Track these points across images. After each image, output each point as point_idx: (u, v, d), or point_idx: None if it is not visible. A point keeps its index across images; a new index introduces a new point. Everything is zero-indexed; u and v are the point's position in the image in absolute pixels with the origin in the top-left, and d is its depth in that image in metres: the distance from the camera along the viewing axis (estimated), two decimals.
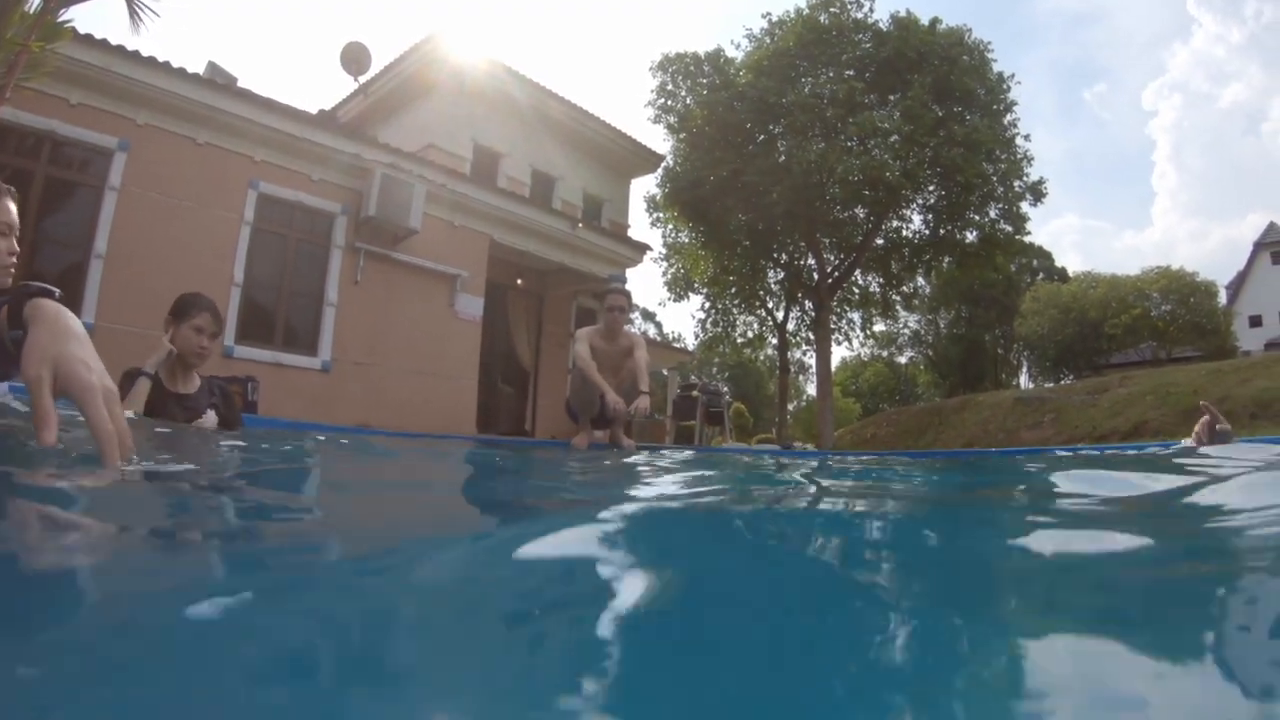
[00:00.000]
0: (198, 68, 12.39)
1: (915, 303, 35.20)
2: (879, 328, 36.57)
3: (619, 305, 6.93)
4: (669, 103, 26.73)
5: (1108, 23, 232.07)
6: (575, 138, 19.82)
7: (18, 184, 9.76)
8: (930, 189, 25.78)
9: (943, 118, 23.81)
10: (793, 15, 25.81)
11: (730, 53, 26.90)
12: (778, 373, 33.62)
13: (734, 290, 30.12)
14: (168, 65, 10.98)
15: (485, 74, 17.38)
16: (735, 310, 31.16)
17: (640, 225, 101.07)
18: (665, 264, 30.41)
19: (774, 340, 32.05)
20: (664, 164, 24.85)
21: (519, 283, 17.43)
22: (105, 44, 10.36)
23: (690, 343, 40.88)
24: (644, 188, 76.05)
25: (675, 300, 31.19)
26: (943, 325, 53.01)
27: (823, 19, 25.12)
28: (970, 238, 26.48)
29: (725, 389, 23.20)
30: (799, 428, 44.99)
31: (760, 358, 46.45)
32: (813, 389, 44.73)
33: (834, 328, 29.49)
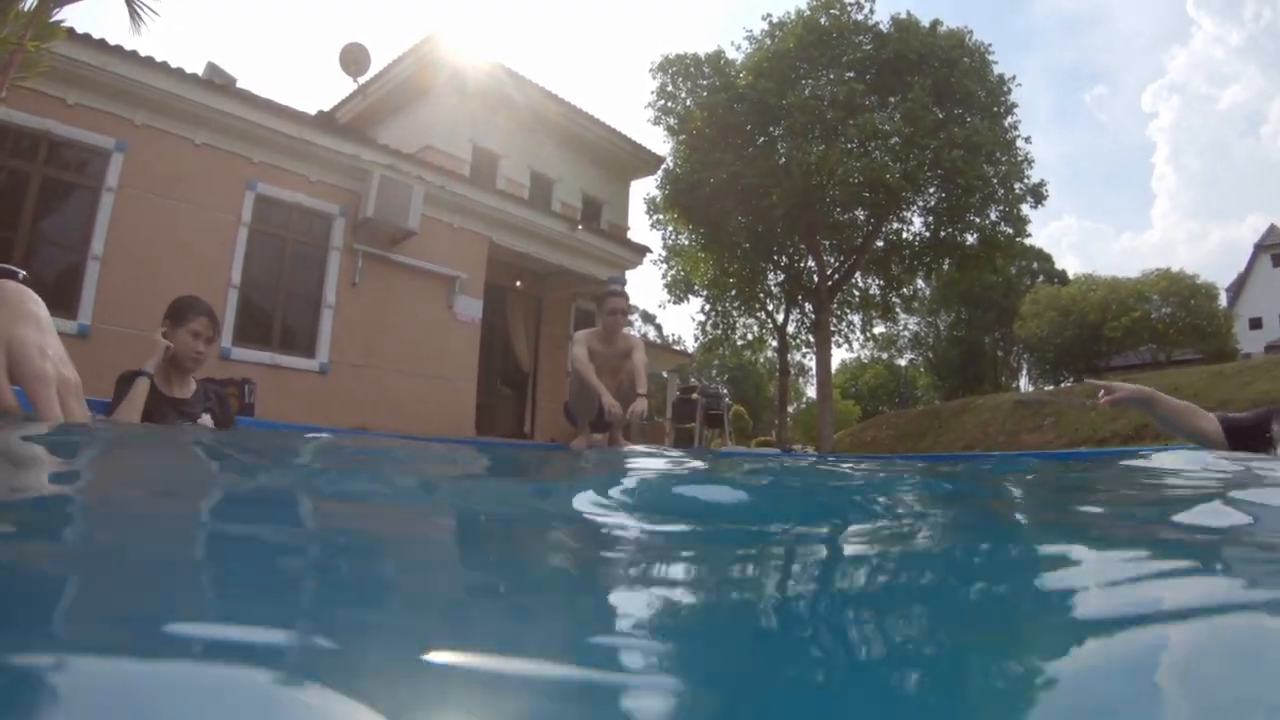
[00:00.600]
0: (196, 68, 12.34)
1: (915, 305, 35.29)
2: (879, 330, 36.56)
3: (619, 308, 6.88)
4: (669, 104, 26.72)
5: (1107, 25, 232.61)
6: (574, 139, 19.78)
7: (14, 185, 9.77)
8: (930, 191, 25.78)
9: (943, 120, 23.81)
10: (793, 17, 25.79)
11: (730, 54, 26.91)
12: (777, 375, 33.62)
13: (734, 292, 30.09)
14: (166, 65, 10.93)
15: (484, 75, 17.34)
16: (735, 312, 31.15)
17: (640, 227, 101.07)
18: (665, 266, 30.43)
19: (774, 342, 32.03)
20: (664, 166, 24.83)
21: (518, 285, 17.39)
22: (103, 43, 10.31)
23: (690, 345, 40.88)
24: (644, 190, 76.21)
25: (675, 302, 31.22)
26: (942, 327, 53.02)
27: (823, 21, 25.10)
28: (970, 240, 26.49)
29: (725, 391, 23.13)
30: (799, 430, 44.99)
31: (760, 360, 46.44)
32: (812, 391, 44.83)
33: (834, 330, 29.49)
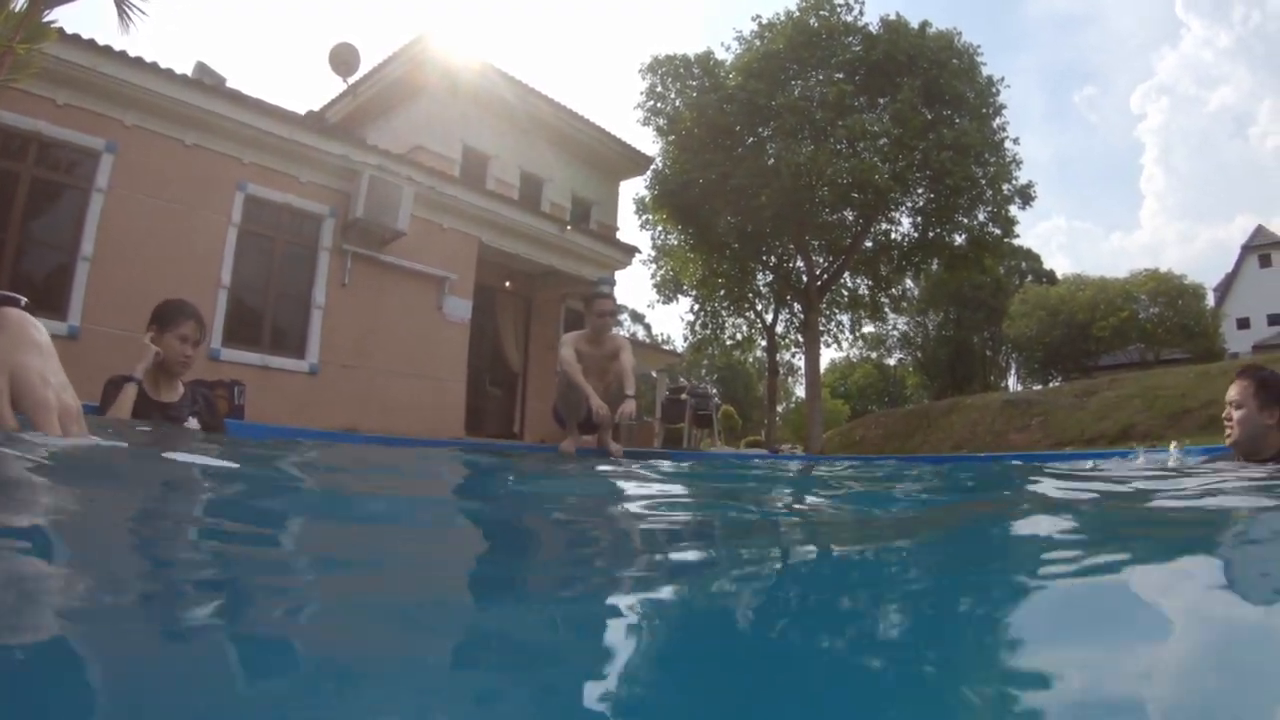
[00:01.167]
0: (186, 68, 12.36)
1: (904, 305, 35.35)
2: (868, 329, 36.67)
3: (607, 310, 6.91)
4: (658, 105, 26.76)
5: (1097, 26, 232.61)
6: (564, 139, 19.80)
7: (3, 185, 9.76)
8: (919, 192, 25.88)
9: (932, 121, 23.92)
10: (783, 18, 25.88)
11: (720, 55, 26.99)
12: (766, 375, 33.63)
13: (723, 292, 30.16)
14: (156, 66, 10.94)
15: (474, 75, 17.36)
16: (724, 312, 31.22)
17: (629, 227, 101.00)
18: (654, 266, 30.47)
19: (763, 342, 32.09)
20: (653, 166, 24.90)
21: (507, 285, 17.41)
22: (93, 44, 10.31)
23: (679, 345, 40.87)
24: (633, 190, 76.18)
25: (664, 302, 31.29)
26: (931, 327, 53.07)
27: (812, 22, 25.18)
28: (959, 240, 26.61)
29: (714, 391, 23.20)
30: (788, 429, 44.99)
31: (749, 360, 46.47)
32: (801, 391, 44.87)
33: (823, 330, 29.60)
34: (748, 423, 52.28)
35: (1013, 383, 51.67)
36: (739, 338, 32.50)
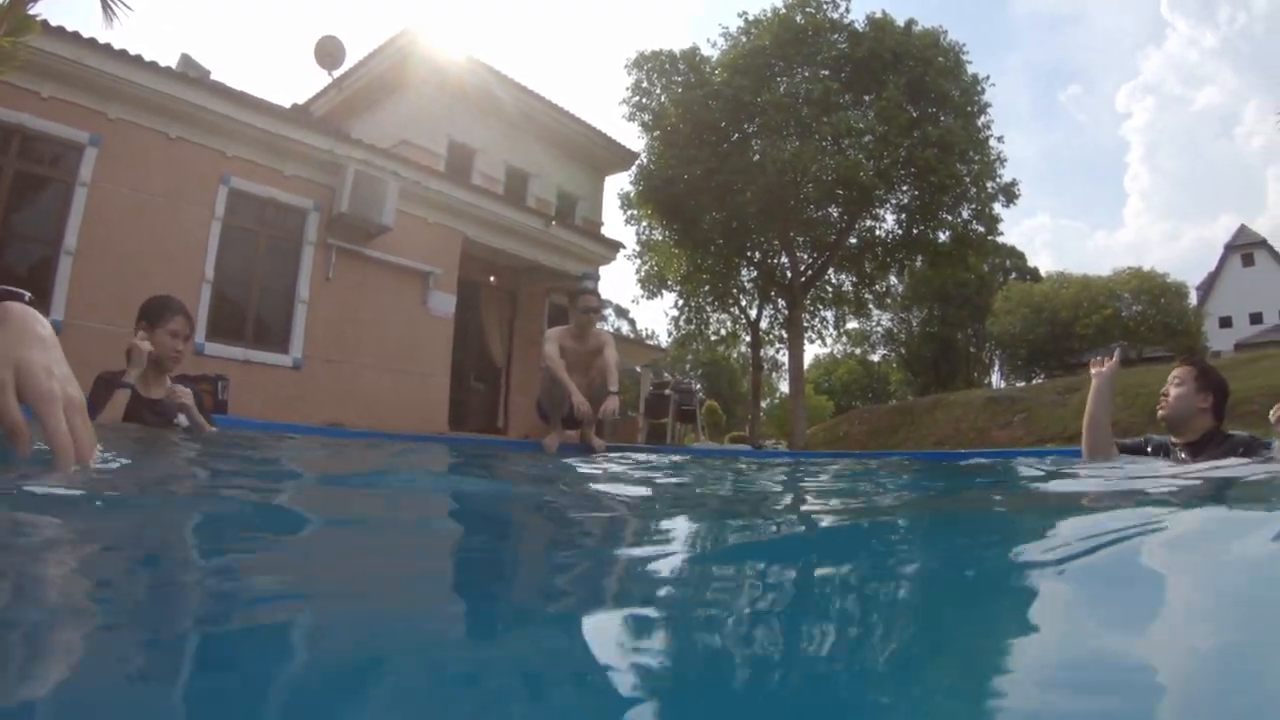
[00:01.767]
0: (171, 61, 12.32)
1: (888, 301, 35.38)
2: (852, 326, 36.83)
3: (591, 306, 6.91)
4: (644, 100, 26.73)
5: (1083, 26, 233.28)
6: (550, 135, 19.77)
7: None
8: (904, 189, 25.92)
9: (917, 118, 23.97)
10: (769, 14, 25.85)
11: (706, 51, 26.96)
12: (751, 370, 33.65)
13: (707, 288, 30.13)
14: (140, 59, 10.90)
15: (460, 70, 17.31)
16: (709, 308, 31.18)
17: (614, 223, 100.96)
18: (639, 261, 30.38)
19: (747, 338, 32.05)
20: (638, 162, 24.88)
21: (492, 280, 17.39)
22: (77, 37, 10.27)
23: (663, 340, 40.89)
24: (618, 185, 76.00)
25: (648, 298, 31.21)
26: (915, 324, 53.16)
27: (798, 19, 25.17)
28: (943, 238, 26.66)
29: (698, 387, 23.21)
30: (772, 425, 45.02)
31: (733, 355, 46.42)
32: (785, 386, 44.85)
33: (807, 326, 29.64)
34: (732, 418, 52.29)
35: (996, 379, 51.90)
36: (723, 333, 32.45)
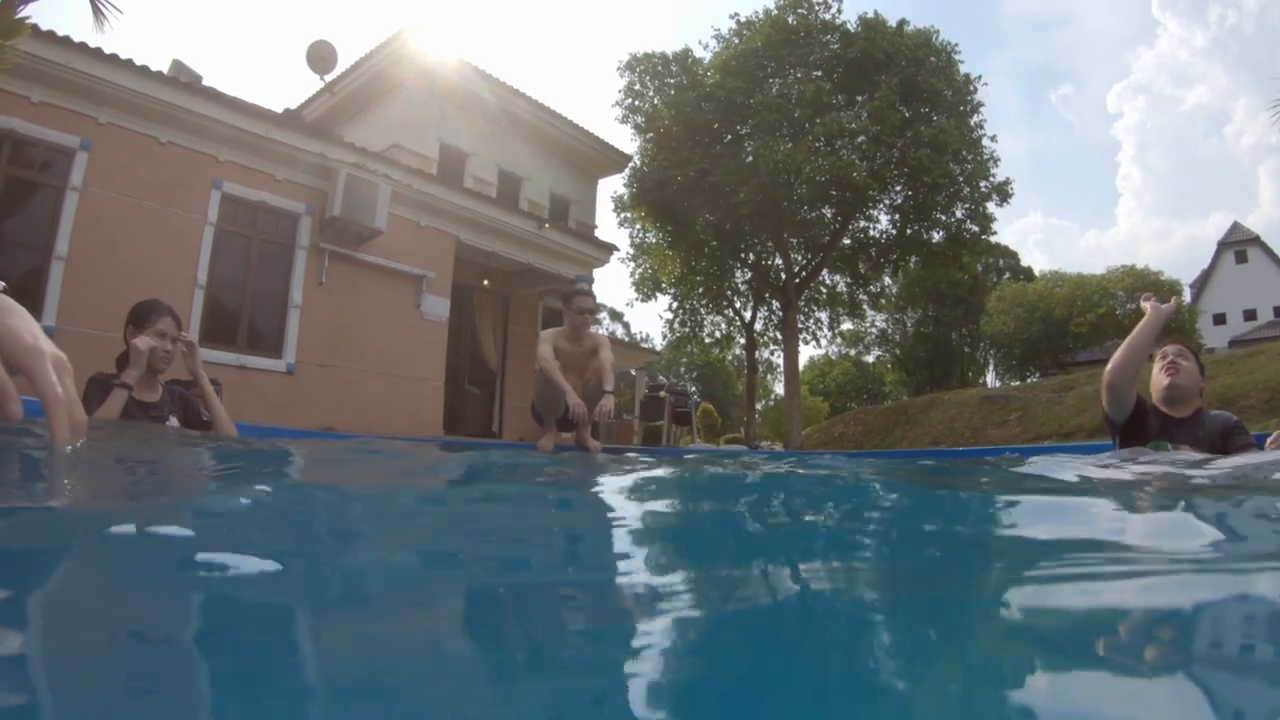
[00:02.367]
0: (162, 65, 12.27)
1: (882, 302, 35.49)
2: (846, 327, 36.88)
3: (586, 308, 6.87)
4: (636, 103, 26.73)
5: (1073, 26, 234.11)
6: (542, 137, 19.77)
7: None
8: (897, 189, 25.96)
9: (910, 118, 24.01)
10: (761, 16, 25.91)
11: (698, 53, 26.98)
12: (745, 372, 33.71)
13: (701, 290, 30.19)
14: (131, 63, 10.86)
15: (452, 73, 17.31)
16: (703, 310, 31.24)
17: (607, 225, 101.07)
18: (632, 264, 30.43)
19: (742, 340, 32.13)
20: (631, 164, 24.87)
21: (485, 283, 17.38)
22: (67, 41, 10.23)
23: (658, 343, 41.00)
24: (611, 188, 76.01)
25: (643, 300, 31.26)
26: (909, 324, 53.30)
27: (790, 20, 25.21)
28: (937, 237, 26.71)
29: (693, 389, 23.30)
30: (767, 427, 45.14)
31: (728, 357, 46.49)
32: (780, 388, 44.92)
33: (801, 327, 29.66)
34: (727, 420, 52.43)
35: (991, 379, 52.01)
36: (718, 335, 32.52)
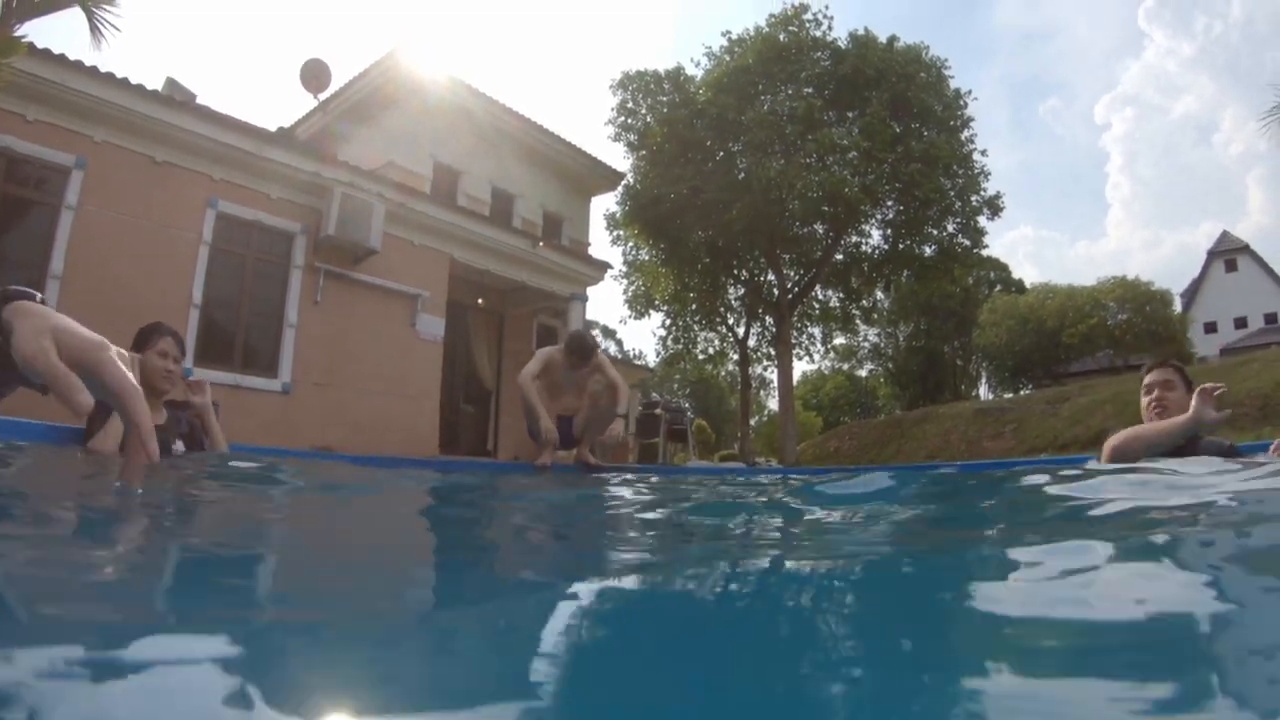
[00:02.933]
0: (157, 84, 12.28)
1: (875, 316, 35.52)
2: (839, 341, 36.93)
3: (588, 361, 6.59)
4: (629, 120, 26.85)
5: (1060, 39, 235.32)
6: (535, 155, 19.81)
7: None
8: (889, 204, 26.09)
9: (901, 134, 24.13)
10: (752, 33, 26.05)
11: (690, 70, 27.13)
12: (739, 388, 33.73)
13: (694, 307, 30.25)
14: (126, 81, 10.86)
15: (445, 92, 17.35)
16: (696, 327, 31.31)
17: (600, 243, 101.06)
18: (625, 281, 30.46)
19: (735, 356, 32.19)
20: (624, 182, 24.92)
21: (480, 302, 17.37)
22: (63, 59, 10.22)
23: (651, 360, 40.96)
24: (604, 205, 76.07)
25: (636, 318, 31.28)
26: (902, 338, 53.38)
27: (782, 37, 25.35)
28: (928, 252, 26.83)
29: (687, 406, 23.27)
30: (761, 442, 45.07)
31: (722, 374, 46.47)
32: (774, 404, 44.91)
33: (795, 342, 29.67)
34: (721, 436, 52.41)
35: (984, 391, 52.11)
36: (711, 352, 32.59)
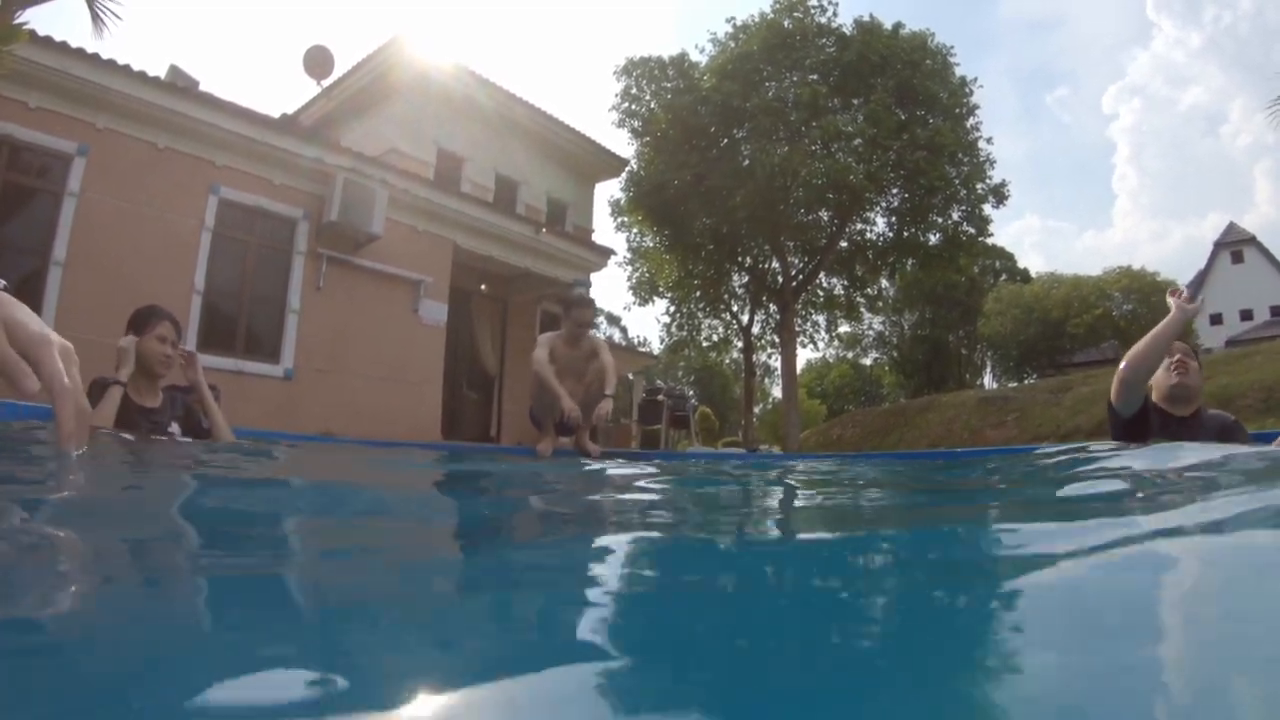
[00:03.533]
0: (159, 71, 12.26)
1: (879, 304, 35.46)
2: (844, 329, 36.93)
3: (586, 320, 6.82)
4: (633, 107, 26.80)
5: (1069, 28, 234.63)
6: (539, 142, 19.77)
7: None
8: (894, 192, 26.04)
9: (906, 121, 24.05)
10: (757, 19, 25.95)
11: (695, 57, 27.08)
12: (743, 376, 33.70)
13: (699, 294, 30.22)
14: (128, 68, 10.83)
15: (448, 78, 17.32)
16: (700, 314, 31.29)
17: (604, 229, 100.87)
18: (630, 268, 30.46)
19: (739, 343, 32.17)
20: (628, 168, 24.86)
21: (483, 288, 17.34)
22: (65, 46, 10.20)
23: (655, 347, 40.96)
24: (608, 192, 76.10)
25: (640, 304, 31.28)
26: (907, 326, 53.37)
27: (786, 23, 25.26)
28: (933, 240, 26.78)
29: (690, 393, 23.24)
30: (765, 430, 45.10)
31: (725, 361, 46.49)
32: (778, 391, 44.91)
33: (799, 330, 29.65)
34: (725, 424, 52.38)
35: (988, 380, 52.07)
36: (715, 339, 32.59)
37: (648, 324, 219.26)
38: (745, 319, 30.92)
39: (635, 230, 29.45)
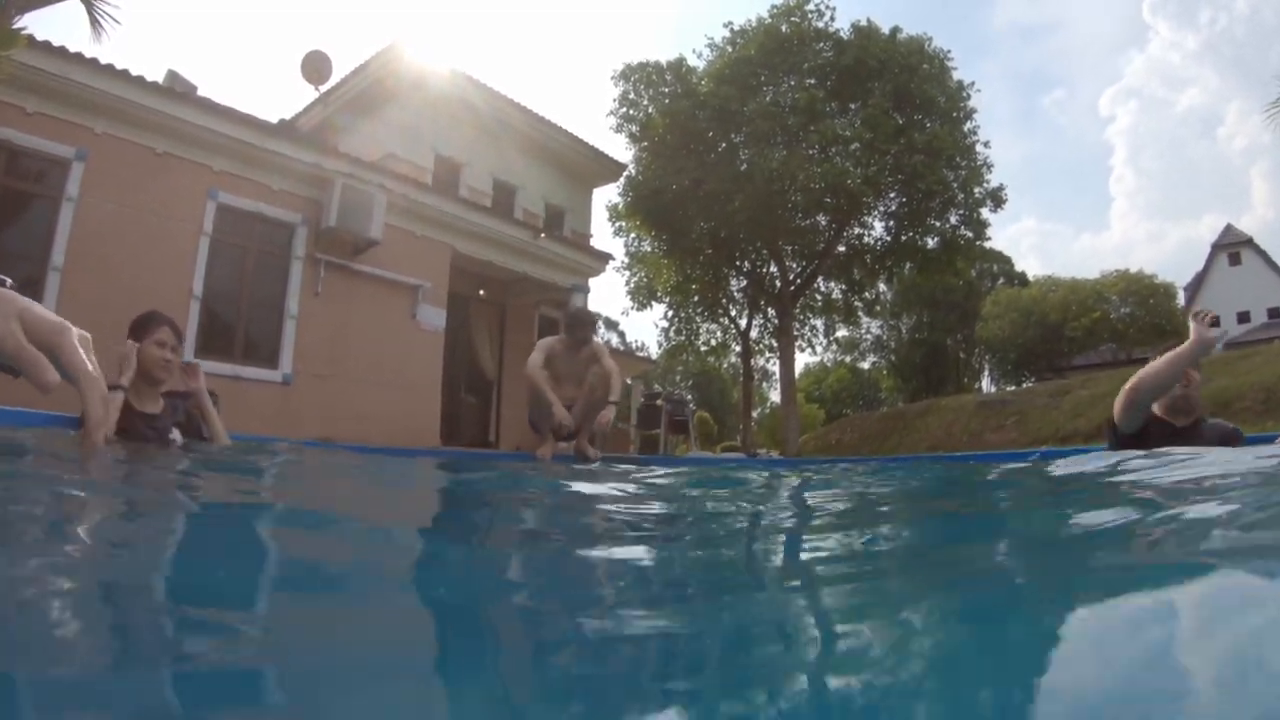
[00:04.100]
0: (157, 76, 12.26)
1: (877, 308, 35.50)
2: (842, 334, 36.97)
3: (588, 340, 6.79)
4: (631, 111, 26.78)
5: (1065, 31, 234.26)
6: (537, 147, 19.80)
7: None
8: (891, 196, 26.02)
9: (903, 125, 24.05)
10: (754, 24, 25.97)
11: (692, 61, 27.02)
12: (741, 380, 33.72)
13: (697, 298, 30.20)
14: (126, 73, 10.84)
15: (446, 83, 17.34)
16: (698, 318, 31.25)
17: (602, 234, 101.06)
18: (627, 273, 30.39)
19: (737, 348, 32.16)
20: (626, 173, 24.87)
21: (481, 293, 17.35)
22: (63, 51, 10.20)
23: (653, 351, 40.94)
24: (606, 197, 75.99)
25: (638, 309, 31.22)
26: (905, 330, 53.41)
27: (784, 28, 25.27)
28: (931, 244, 26.73)
29: (689, 397, 23.23)
30: (763, 434, 45.08)
31: (724, 365, 46.51)
32: (777, 395, 44.94)
33: (797, 334, 29.65)
34: (723, 428, 52.41)
35: (986, 384, 52.09)
36: (713, 343, 32.57)
37: (646, 329, 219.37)
38: (743, 323, 30.88)
39: (633, 235, 29.41)
